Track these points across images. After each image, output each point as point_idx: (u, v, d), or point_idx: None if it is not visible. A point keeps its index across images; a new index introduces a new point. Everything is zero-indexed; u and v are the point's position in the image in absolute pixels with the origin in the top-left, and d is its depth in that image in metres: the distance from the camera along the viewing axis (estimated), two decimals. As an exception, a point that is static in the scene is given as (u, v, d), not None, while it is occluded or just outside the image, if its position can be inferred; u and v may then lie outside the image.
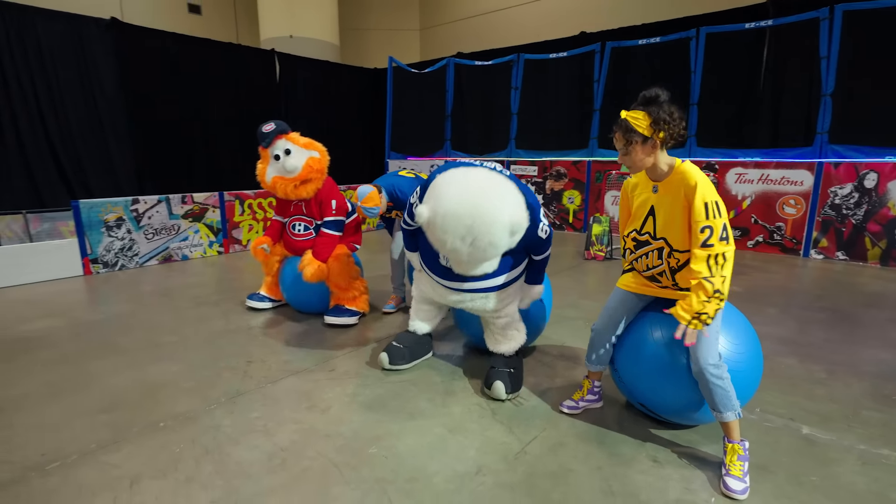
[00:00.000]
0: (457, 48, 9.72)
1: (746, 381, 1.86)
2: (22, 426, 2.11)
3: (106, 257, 4.82)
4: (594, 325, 2.06)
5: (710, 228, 1.60)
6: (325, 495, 1.67)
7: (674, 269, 1.81)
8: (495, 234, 2.00)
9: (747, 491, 1.66)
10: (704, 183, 1.66)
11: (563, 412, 2.18)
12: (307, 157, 3.19)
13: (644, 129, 1.67)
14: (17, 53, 6.37)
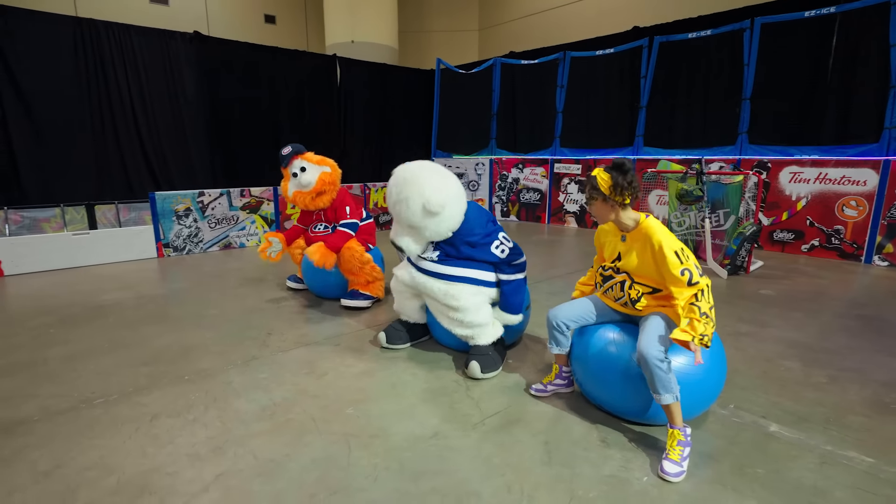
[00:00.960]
0: (513, 47, 9.81)
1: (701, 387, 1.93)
2: (84, 371, 2.61)
3: (176, 242, 5.52)
4: (550, 311, 2.18)
5: (688, 271, 1.80)
6: (298, 441, 1.95)
7: (634, 300, 1.98)
8: (411, 197, 2.47)
9: (682, 475, 1.73)
10: (667, 236, 1.87)
11: (531, 395, 2.31)
12: (320, 172, 3.60)
13: (605, 189, 1.88)
14: (118, 65, 7.39)
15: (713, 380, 1.98)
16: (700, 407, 2.01)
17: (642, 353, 1.78)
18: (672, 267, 1.82)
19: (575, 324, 2.13)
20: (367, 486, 1.69)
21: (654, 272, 1.92)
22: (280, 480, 1.72)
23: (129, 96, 7.55)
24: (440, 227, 2.53)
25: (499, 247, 2.59)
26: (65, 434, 2.01)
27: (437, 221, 2.51)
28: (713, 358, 1.98)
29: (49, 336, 3.12)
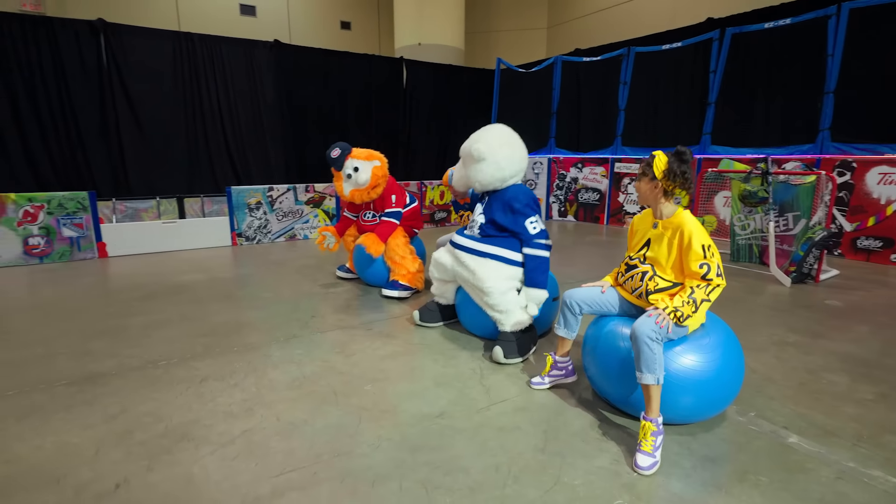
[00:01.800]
0: (580, 44, 9.62)
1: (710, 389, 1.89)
2: (155, 337, 3.02)
3: (247, 232, 6.08)
4: (567, 291, 2.22)
5: (707, 265, 1.83)
6: (316, 409, 2.17)
7: (650, 291, 2.00)
8: (491, 144, 2.75)
9: (656, 465, 1.74)
10: (700, 230, 1.90)
11: (531, 388, 2.36)
12: (371, 167, 3.82)
13: (658, 171, 1.91)
14: (208, 72, 8.24)
15: (725, 382, 1.92)
16: (710, 409, 1.97)
17: (634, 329, 1.81)
18: (694, 257, 1.86)
19: (588, 308, 2.16)
20: (368, 453, 1.86)
21: (677, 264, 1.94)
22: (294, 440, 1.94)
23: (217, 100, 8.38)
24: (508, 157, 2.74)
25: (533, 223, 2.71)
26: (132, 387, 2.38)
27: (511, 152, 2.75)
28: (727, 359, 1.93)
29: (134, 307, 3.63)
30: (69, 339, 3.00)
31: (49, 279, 4.51)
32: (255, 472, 1.74)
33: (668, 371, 1.85)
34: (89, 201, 5.26)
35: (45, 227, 5.06)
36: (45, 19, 7.20)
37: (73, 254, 5.23)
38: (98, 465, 1.78)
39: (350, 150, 3.92)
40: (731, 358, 1.96)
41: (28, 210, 4.97)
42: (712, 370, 1.88)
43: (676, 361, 1.88)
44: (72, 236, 5.20)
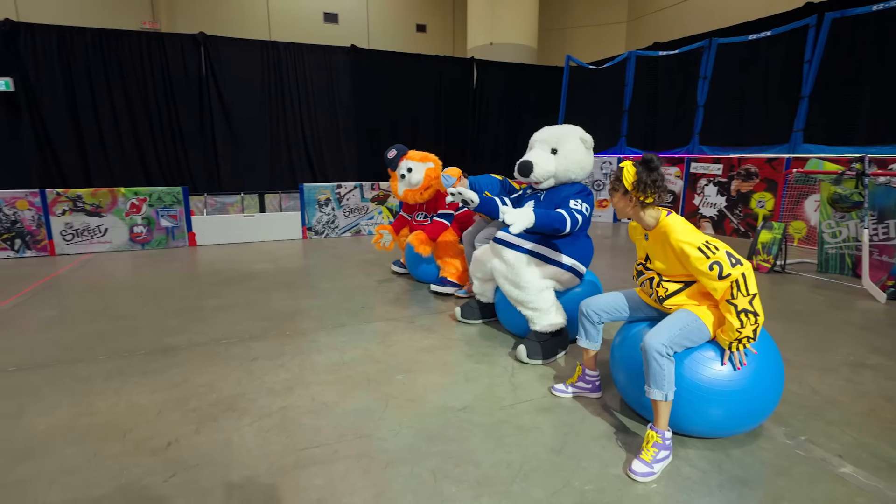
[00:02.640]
0: (660, 38, 9.11)
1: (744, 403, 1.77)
2: (222, 318, 3.35)
3: (316, 227, 6.48)
4: (583, 300, 2.15)
5: (717, 264, 1.67)
6: (348, 393, 2.30)
7: (662, 297, 1.90)
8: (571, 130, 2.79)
9: (651, 477, 1.68)
10: (686, 235, 1.75)
11: (553, 394, 2.31)
12: (425, 169, 3.94)
13: (628, 183, 1.80)
14: (291, 77, 8.86)
15: (758, 395, 1.78)
16: (740, 424, 1.83)
17: (644, 343, 1.73)
18: (698, 264, 1.70)
19: (608, 315, 2.08)
20: (387, 437, 1.95)
21: (680, 269, 1.81)
22: (323, 419, 2.08)
23: (298, 103, 8.99)
24: (582, 159, 2.74)
25: (578, 205, 2.62)
26: (195, 360, 2.67)
27: (584, 153, 2.75)
28: (760, 369, 1.78)
29: (209, 291, 4.04)
30: (153, 316, 3.42)
31: (146, 263, 5.13)
32: (284, 445, 1.90)
33: (697, 380, 1.75)
34: (182, 196, 5.90)
35: (146, 217, 5.76)
36: (158, 35, 8.16)
37: (168, 242, 5.89)
38: (157, 424, 2.04)
39: (406, 152, 4.06)
40: (768, 369, 1.80)
41: (134, 202, 5.69)
42: (745, 381, 1.75)
43: (706, 370, 1.77)
44: (168, 226, 5.86)
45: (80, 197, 5.49)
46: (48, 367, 2.60)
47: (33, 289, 4.14)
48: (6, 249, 5.30)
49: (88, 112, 7.66)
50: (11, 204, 5.25)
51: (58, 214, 5.41)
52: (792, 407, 2.18)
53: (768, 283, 4.36)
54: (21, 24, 7.25)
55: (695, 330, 1.77)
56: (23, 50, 7.23)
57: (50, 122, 7.47)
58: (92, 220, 5.54)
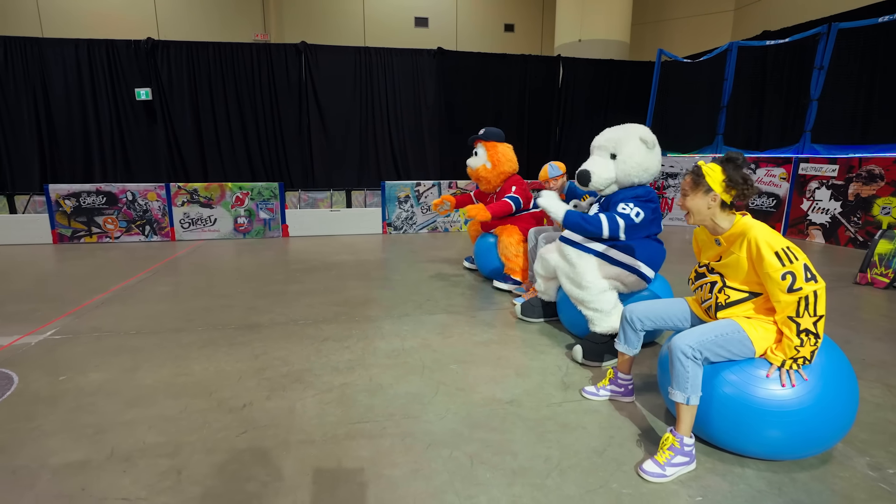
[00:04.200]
0: (772, 26, 8.28)
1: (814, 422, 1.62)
2: (302, 302, 3.68)
3: (396, 223, 6.79)
4: (627, 305, 2.07)
5: (790, 274, 1.57)
6: (403, 377, 2.43)
7: (721, 305, 1.79)
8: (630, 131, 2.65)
9: (662, 478, 1.64)
10: (767, 234, 1.64)
11: (583, 396, 2.26)
12: (487, 153, 4.09)
13: (715, 183, 1.70)
14: (380, 80, 9.32)
15: (825, 417, 1.62)
16: (803, 448, 1.67)
17: (671, 343, 1.67)
18: (771, 270, 1.58)
19: (651, 323, 1.99)
20: (432, 420, 2.04)
21: (752, 275, 1.69)
22: (377, 398, 2.23)
23: (386, 105, 9.43)
24: (643, 161, 2.59)
25: (627, 209, 2.54)
26: (274, 337, 2.97)
27: (645, 155, 2.59)
28: (825, 387, 1.62)
29: (294, 277, 4.43)
30: (245, 296, 3.84)
31: (246, 250, 5.74)
32: (339, 417, 2.07)
33: (754, 398, 1.63)
34: (279, 191, 6.49)
35: (248, 209, 6.42)
36: (266, 45, 9.02)
37: (266, 232, 6.52)
38: (237, 388, 2.32)
39: (490, 138, 4.12)
40: (835, 387, 1.63)
41: (238, 196, 6.37)
42: (808, 401, 1.59)
43: (763, 388, 1.64)
44: (265, 218, 6.49)
45: (195, 190, 6.27)
46: (159, 333, 3.05)
47: (155, 268, 4.83)
48: (138, 234, 6.21)
49: (208, 116, 8.69)
50: (144, 195, 6.14)
51: (178, 205, 6.23)
52: (885, 437, 1.93)
53: (886, 300, 3.82)
54: (159, 41, 8.42)
55: (734, 341, 1.66)
56: (160, 63, 8.39)
57: (178, 125, 8.58)
58: (204, 210, 6.31)
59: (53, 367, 2.54)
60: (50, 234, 6.05)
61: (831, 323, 3.24)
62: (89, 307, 3.57)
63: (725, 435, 1.74)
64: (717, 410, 1.71)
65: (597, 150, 2.75)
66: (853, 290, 4.06)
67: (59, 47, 7.93)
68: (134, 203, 6.13)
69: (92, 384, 2.36)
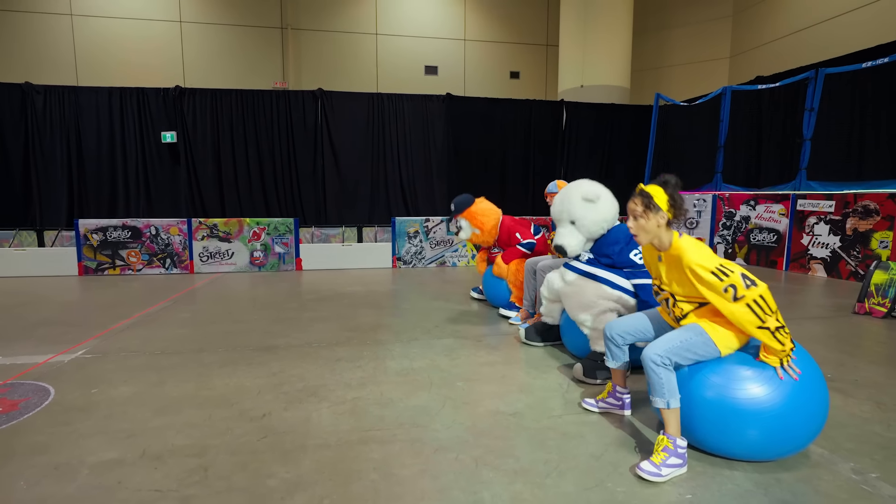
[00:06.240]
0: (765, 71, 8.72)
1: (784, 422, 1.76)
2: (314, 328, 3.85)
3: (405, 257, 7.01)
4: (608, 323, 2.23)
5: (732, 287, 1.74)
6: (412, 393, 2.57)
7: (678, 317, 1.96)
8: (572, 193, 2.87)
9: (658, 477, 1.74)
10: (700, 255, 1.81)
11: (582, 407, 2.38)
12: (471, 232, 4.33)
13: (663, 204, 1.89)
14: (392, 123, 9.81)
15: (796, 417, 1.74)
16: (779, 448, 1.78)
17: (643, 355, 1.82)
18: (713, 287, 1.76)
19: (631, 337, 2.14)
20: (439, 429, 2.17)
21: (694, 290, 1.86)
22: (387, 410, 2.36)
23: (396, 146, 9.88)
24: (597, 216, 2.80)
25: (636, 255, 2.77)
26: (290, 358, 3.13)
27: (595, 210, 2.79)
28: (799, 388, 1.76)
29: (308, 306, 4.62)
30: (261, 322, 4.03)
31: (261, 282, 5.96)
32: (352, 425, 2.21)
33: (733, 400, 1.77)
34: (294, 226, 6.79)
35: (264, 244, 6.70)
36: (285, 92, 9.60)
37: (280, 265, 6.77)
38: (256, 400, 2.47)
39: (462, 210, 4.28)
40: (806, 387, 1.77)
41: (255, 231, 6.67)
42: (779, 402, 1.73)
43: (742, 390, 1.78)
44: (280, 252, 6.76)
45: (215, 225, 6.59)
46: (182, 353, 3.23)
47: (175, 298, 5.05)
48: (159, 266, 6.49)
49: (228, 157, 9.16)
50: (167, 230, 6.46)
51: (198, 239, 6.53)
52: (871, 446, 2.03)
53: (883, 328, 3.91)
54: (186, 89, 9.02)
55: (698, 344, 1.81)
56: (185, 109, 8.95)
57: (199, 166, 9.04)
58: (223, 244, 6.59)
59: (86, 382, 2.72)
60: (76, 267, 6.34)
61: (827, 349, 3.35)
62: (115, 331, 3.77)
63: (707, 437, 1.85)
64: (699, 414, 1.84)
65: (557, 222, 2.97)
66: (851, 320, 4.15)
67: (94, 94, 8.53)
68: (157, 237, 6.44)
69: (122, 396, 2.53)
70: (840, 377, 2.80)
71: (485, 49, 14.35)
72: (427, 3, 13.89)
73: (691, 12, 12.63)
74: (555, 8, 13.49)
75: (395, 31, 13.77)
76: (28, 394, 2.52)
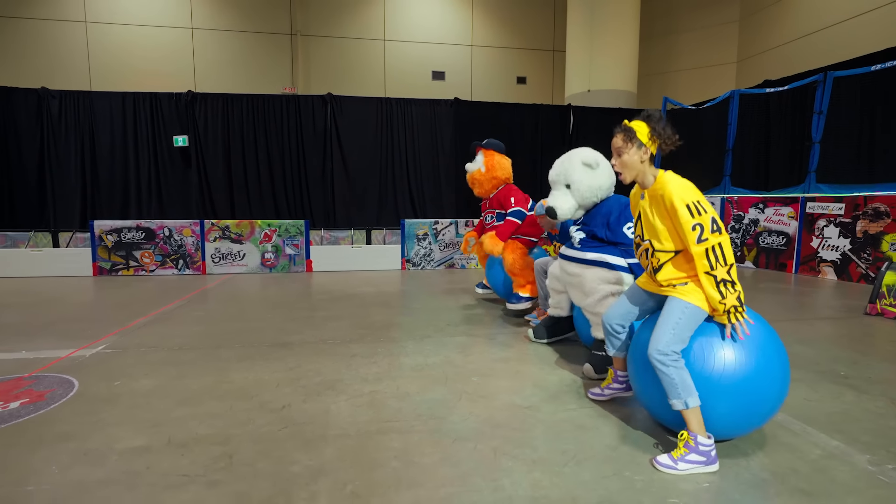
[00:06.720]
0: (773, 75, 8.72)
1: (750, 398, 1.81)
2: (329, 325, 3.89)
3: (414, 259, 7.06)
4: (604, 316, 2.23)
5: (699, 226, 1.75)
6: (428, 387, 2.61)
7: (655, 268, 1.95)
8: (572, 157, 2.97)
9: (672, 470, 1.75)
10: (681, 187, 1.82)
11: (590, 398, 2.41)
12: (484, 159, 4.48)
13: (644, 137, 1.91)
14: (400, 127, 9.90)
15: (749, 379, 1.79)
16: (739, 422, 1.85)
17: (648, 355, 1.81)
18: (683, 221, 1.76)
19: (625, 320, 2.15)
20: (457, 421, 2.21)
21: (671, 231, 1.86)
22: (404, 402, 2.40)
23: (405, 150, 9.96)
24: (593, 182, 2.83)
25: (630, 228, 2.76)
26: (306, 354, 3.18)
27: (592, 176, 2.83)
28: (760, 355, 1.81)
29: (320, 305, 4.67)
30: (275, 320, 4.08)
31: (272, 283, 6.03)
32: (371, 417, 2.25)
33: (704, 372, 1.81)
34: (304, 228, 6.86)
35: (275, 245, 6.77)
36: (295, 97, 9.72)
37: (291, 267, 6.83)
38: (275, 393, 2.51)
39: (489, 147, 4.45)
40: (767, 350, 1.83)
41: (266, 232, 6.74)
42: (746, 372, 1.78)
43: (704, 364, 1.82)
44: (291, 254, 6.82)
45: (227, 227, 6.67)
46: (199, 349, 3.28)
47: (189, 297, 5.12)
48: (172, 268, 6.57)
49: (238, 160, 9.27)
50: (180, 231, 6.55)
51: (211, 241, 6.61)
52: (886, 440, 2.04)
53: (895, 328, 3.91)
54: (198, 94, 9.16)
55: (688, 319, 1.81)
56: (197, 113, 9.08)
57: (210, 170, 9.15)
58: (234, 246, 6.67)
59: (108, 374, 2.78)
60: (91, 267, 6.44)
61: (840, 347, 3.35)
62: (133, 328, 3.83)
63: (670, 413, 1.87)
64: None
65: (553, 184, 3.03)
66: (863, 320, 4.14)
67: (108, 99, 8.68)
68: (170, 238, 6.52)
69: (144, 388, 2.58)
70: (854, 374, 2.81)
71: (491, 55, 14.45)
72: (434, 9, 14.03)
73: (698, 17, 12.69)
74: (561, 14, 13.59)
75: (403, 37, 13.90)
76: (53, 385, 2.58)
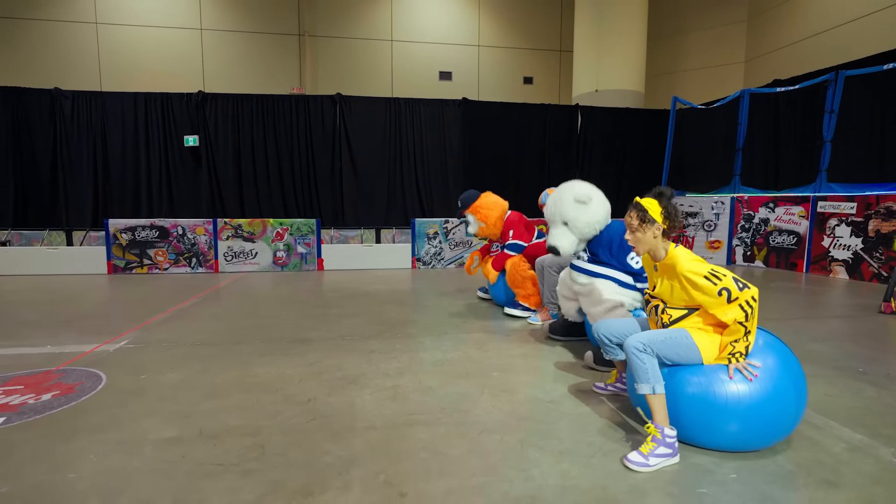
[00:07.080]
0: (782, 75, 8.72)
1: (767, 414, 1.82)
2: (345, 322, 3.93)
3: (424, 258, 7.09)
4: (596, 323, 2.30)
5: (726, 290, 1.80)
6: (450, 381, 2.64)
7: (665, 324, 2.01)
8: (564, 194, 3.00)
9: (645, 468, 1.76)
10: (693, 264, 1.89)
11: (594, 391, 2.48)
12: (478, 226, 4.52)
13: (658, 216, 1.97)
14: (408, 127, 9.94)
15: (776, 410, 1.81)
16: (761, 439, 1.85)
17: (626, 344, 1.88)
18: (708, 291, 1.82)
19: (618, 337, 2.20)
20: (481, 414, 2.24)
21: (684, 298, 1.93)
22: (428, 396, 2.43)
23: (413, 150, 10.00)
24: (589, 217, 2.89)
25: (633, 258, 2.82)
26: (325, 349, 3.22)
27: (586, 212, 2.89)
28: (780, 384, 1.83)
29: (334, 303, 4.71)
30: (292, 318, 4.12)
31: (284, 281, 6.07)
32: (395, 410, 2.28)
33: (714, 395, 1.83)
34: (316, 227, 6.90)
35: (287, 244, 6.82)
36: (304, 97, 9.78)
37: (302, 265, 6.88)
38: (299, 387, 2.55)
39: (468, 205, 4.48)
40: (786, 383, 1.85)
41: (278, 231, 6.79)
42: (760, 397, 1.79)
43: (723, 386, 1.83)
44: (302, 252, 6.87)
45: (240, 226, 6.72)
46: (220, 345, 3.32)
47: (203, 295, 5.17)
48: (185, 266, 6.63)
49: (248, 160, 9.33)
50: (193, 230, 6.60)
51: (223, 239, 6.66)
52: (909, 434, 2.06)
53: (910, 327, 3.91)
54: (209, 94, 9.23)
55: (682, 345, 1.87)
56: (207, 114, 9.15)
57: (220, 169, 9.22)
58: (247, 244, 6.72)
59: (134, 368, 2.82)
60: (105, 265, 6.50)
61: (857, 344, 3.36)
62: (153, 324, 3.88)
63: (694, 431, 1.89)
64: (685, 410, 1.88)
65: (550, 223, 3.07)
66: (878, 319, 4.15)
67: (120, 99, 8.76)
68: (183, 237, 6.58)
69: (170, 381, 2.62)
70: (872, 371, 2.83)
71: (498, 55, 14.48)
72: (442, 9, 14.07)
73: (706, 17, 12.67)
74: (568, 14, 13.60)
75: (411, 38, 13.95)
76: (81, 378, 2.62)
